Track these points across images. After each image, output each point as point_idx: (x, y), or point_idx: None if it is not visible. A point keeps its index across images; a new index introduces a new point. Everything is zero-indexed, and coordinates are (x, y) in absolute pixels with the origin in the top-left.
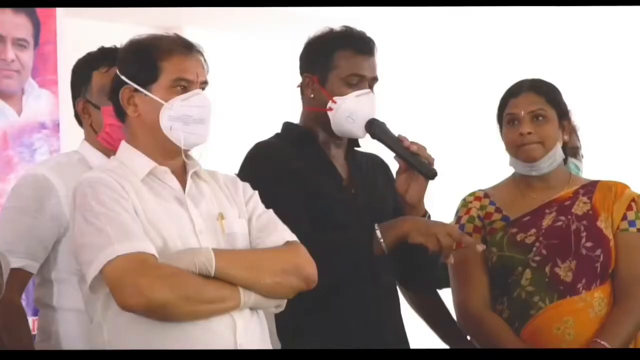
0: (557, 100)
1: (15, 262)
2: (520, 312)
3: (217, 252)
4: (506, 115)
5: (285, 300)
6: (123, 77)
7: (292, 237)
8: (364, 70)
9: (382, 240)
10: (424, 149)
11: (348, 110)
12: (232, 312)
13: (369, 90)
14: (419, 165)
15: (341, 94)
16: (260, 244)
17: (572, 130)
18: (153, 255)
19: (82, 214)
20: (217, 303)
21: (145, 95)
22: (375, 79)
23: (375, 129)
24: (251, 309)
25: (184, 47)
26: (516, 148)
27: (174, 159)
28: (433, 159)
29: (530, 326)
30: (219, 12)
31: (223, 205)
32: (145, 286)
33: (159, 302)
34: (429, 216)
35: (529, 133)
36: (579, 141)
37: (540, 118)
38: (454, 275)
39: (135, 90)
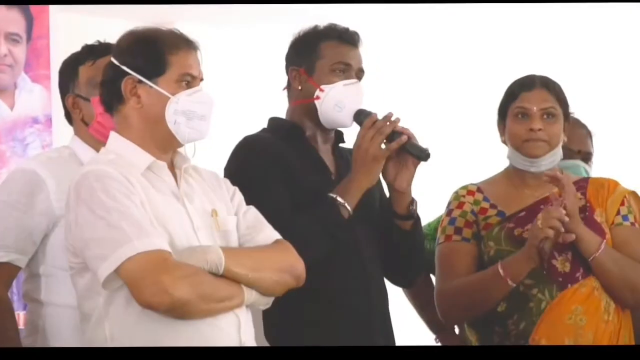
0: (565, 100)
1: (4, 256)
2: (519, 305)
3: (224, 250)
4: (516, 107)
5: (273, 298)
6: (125, 68)
7: (278, 234)
8: (350, 59)
9: (345, 203)
10: (413, 135)
11: (335, 99)
12: (236, 309)
13: (356, 80)
14: (411, 148)
15: (329, 83)
16: (249, 241)
17: (586, 136)
18: (170, 252)
19: (90, 207)
20: (226, 301)
21: (151, 87)
22: (361, 71)
23: (364, 118)
24: (247, 306)
25: (188, 43)
26: (521, 142)
27: (168, 153)
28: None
29: (542, 326)
30: (211, 8)
31: (213, 201)
32: (169, 285)
33: (181, 301)
34: (416, 203)
35: (539, 130)
36: (593, 147)
37: (551, 116)
38: (439, 266)
39: (140, 81)
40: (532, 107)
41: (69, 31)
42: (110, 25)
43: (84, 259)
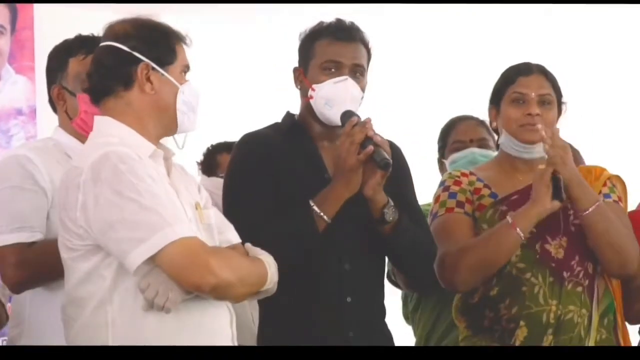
0: (559, 89)
1: (33, 236)
2: (511, 289)
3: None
4: (513, 92)
5: None
6: (136, 54)
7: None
8: (340, 57)
9: (322, 214)
10: (386, 143)
11: (324, 98)
12: (229, 305)
13: (346, 77)
14: (375, 156)
15: (319, 82)
16: (222, 239)
17: (477, 125)
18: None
19: (116, 189)
20: (254, 287)
21: (162, 75)
22: (357, 65)
23: (346, 120)
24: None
25: (183, 36)
26: (516, 127)
27: (159, 141)
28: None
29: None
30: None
31: (192, 194)
32: (216, 266)
33: (226, 282)
34: (392, 208)
35: (537, 115)
36: (488, 132)
37: (547, 103)
38: (438, 235)
39: (152, 68)
40: (529, 93)
41: (54, 23)
42: (95, 17)
43: (105, 241)
